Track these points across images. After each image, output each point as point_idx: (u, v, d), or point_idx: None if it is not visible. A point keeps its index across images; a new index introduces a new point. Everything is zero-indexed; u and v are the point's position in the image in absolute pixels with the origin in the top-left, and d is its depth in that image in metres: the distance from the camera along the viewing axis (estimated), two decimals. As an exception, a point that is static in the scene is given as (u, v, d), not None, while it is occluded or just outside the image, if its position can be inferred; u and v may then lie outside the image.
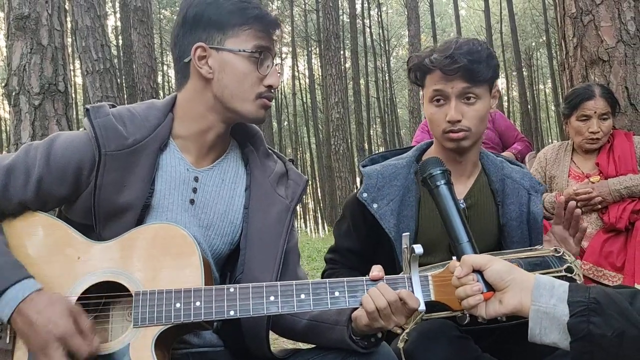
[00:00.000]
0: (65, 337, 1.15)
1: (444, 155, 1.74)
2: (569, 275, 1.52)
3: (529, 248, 1.67)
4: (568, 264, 1.54)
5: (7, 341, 1.22)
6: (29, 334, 1.16)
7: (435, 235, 1.68)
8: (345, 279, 1.27)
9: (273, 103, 1.53)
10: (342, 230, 1.87)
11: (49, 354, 1.15)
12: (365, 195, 1.73)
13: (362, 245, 1.81)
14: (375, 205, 1.71)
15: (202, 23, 1.41)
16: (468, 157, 1.76)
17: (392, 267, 1.66)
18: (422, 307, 1.24)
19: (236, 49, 1.39)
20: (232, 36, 1.40)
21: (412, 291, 1.26)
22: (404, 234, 1.28)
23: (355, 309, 1.29)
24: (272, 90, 1.45)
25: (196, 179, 1.45)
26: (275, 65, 1.46)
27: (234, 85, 1.40)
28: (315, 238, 17.07)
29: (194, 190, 1.45)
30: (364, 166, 1.83)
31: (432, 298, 1.27)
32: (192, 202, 1.44)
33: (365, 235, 1.78)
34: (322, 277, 1.92)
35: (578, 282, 1.53)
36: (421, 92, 1.82)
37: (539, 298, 1.11)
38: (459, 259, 1.27)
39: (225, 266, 1.53)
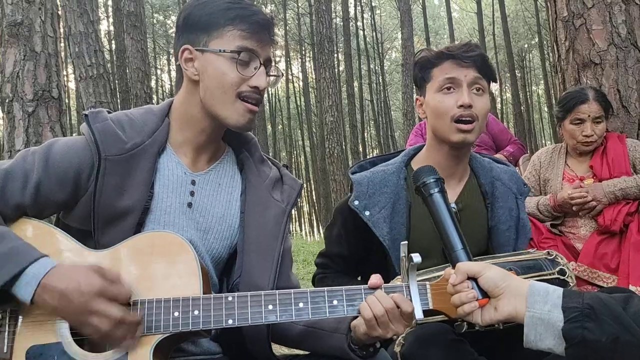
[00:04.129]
0: (102, 290, 1.16)
1: (437, 159, 1.76)
2: (562, 277, 1.54)
3: (522, 251, 1.69)
4: (560, 267, 1.56)
5: (5, 350, 1.22)
6: (64, 304, 1.16)
7: (427, 241, 1.69)
8: (343, 287, 1.28)
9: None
10: (333, 236, 1.89)
11: (94, 310, 1.15)
12: (357, 203, 1.75)
13: (352, 251, 1.84)
14: (367, 213, 1.73)
15: (189, 25, 1.42)
16: (462, 159, 1.78)
17: (386, 273, 1.67)
18: (420, 315, 1.25)
19: (217, 49, 1.38)
20: (216, 37, 1.39)
21: (411, 299, 1.26)
22: (402, 243, 1.29)
23: (355, 317, 1.30)
24: (259, 94, 1.41)
25: (193, 183, 1.46)
26: (268, 68, 1.44)
27: (215, 85, 1.39)
28: (310, 241, 17.05)
29: (192, 193, 1.46)
30: (352, 173, 1.84)
31: (430, 306, 1.27)
32: (189, 205, 1.45)
33: (356, 241, 1.79)
34: (313, 281, 1.94)
35: (571, 284, 1.55)
36: (415, 95, 1.84)
37: (533, 304, 1.12)
38: (453, 267, 1.28)
39: (223, 270, 1.53)
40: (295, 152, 38.18)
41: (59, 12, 5.05)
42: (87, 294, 1.15)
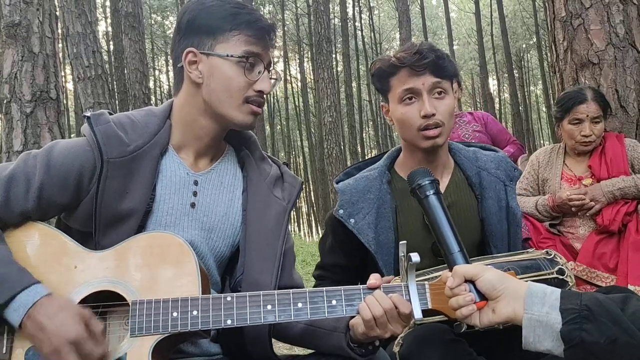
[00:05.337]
0: (77, 341, 1.16)
1: (413, 161, 1.76)
2: (561, 277, 1.54)
3: (521, 251, 1.69)
4: (559, 266, 1.56)
5: (4, 351, 1.22)
6: (41, 339, 1.16)
7: (416, 242, 1.67)
8: (342, 287, 1.28)
9: (265, 107, 1.54)
10: (326, 247, 1.89)
11: (61, 357, 1.15)
12: (341, 212, 1.75)
13: (349, 259, 1.83)
14: (352, 221, 1.73)
15: (194, 28, 1.42)
16: (439, 157, 1.78)
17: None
18: (419, 315, 1.25)
19: (224, 53, 1.40)
20: (222, 41, 1.41)
21: (409, 299, 1.26)
22: (400, 243, 1.28)
23: (353, 316, 1.30)
24: (262, 97, 1.44)
25: (196, 183, 1.47)
26: (270, 72, 1.46)
27: (221, 89, 1.41)
28: (309, 242, 17.04)
29: (194, 193, 1.46)
30: (337, 182, 1.84)
31: (429, 306, 1.27)
32: (192, 205, 1.45)
33: (351, 248, 1.78)
34: None
35: (570, 283, 1.55)
36: (382, 104, 1.83)
37: (531, 306, 1.12)
38: (450, 269, 1.28)
39: (225, 269, 1.54)
40: (293, 152, 38.16)
41: (57, 13, 5.03)
42: (62, 339, 1.15)
